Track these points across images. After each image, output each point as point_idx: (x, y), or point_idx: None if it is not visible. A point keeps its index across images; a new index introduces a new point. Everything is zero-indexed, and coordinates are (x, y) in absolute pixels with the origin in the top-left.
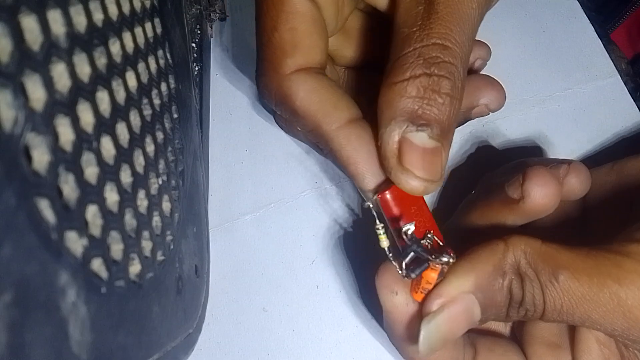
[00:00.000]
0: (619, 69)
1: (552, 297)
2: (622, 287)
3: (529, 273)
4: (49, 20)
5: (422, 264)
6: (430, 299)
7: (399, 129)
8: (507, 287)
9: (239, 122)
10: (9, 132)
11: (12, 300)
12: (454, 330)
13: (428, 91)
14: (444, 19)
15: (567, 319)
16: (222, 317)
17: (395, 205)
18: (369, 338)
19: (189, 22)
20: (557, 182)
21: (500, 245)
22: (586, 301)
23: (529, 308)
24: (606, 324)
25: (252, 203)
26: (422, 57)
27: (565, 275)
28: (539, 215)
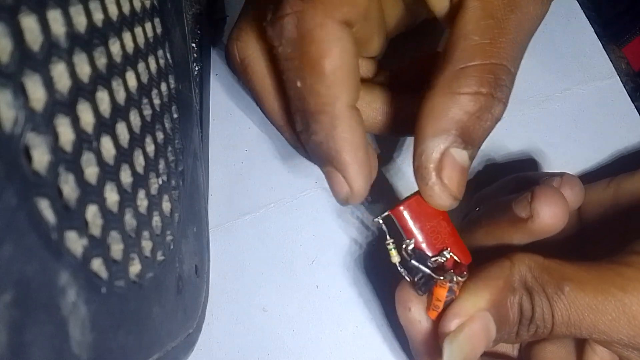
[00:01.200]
0: (619, 69)
1: (560, 309)
2: (626, 294)
3: (536, 287)
4: (49, 20)
5: (429, 280)
6: (448, 319)
7: (446, 141)
8: (518, 302)
9: (239, 122)
10: (9, 132)
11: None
12: (475, 350)
13: (484, 111)
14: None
15: (575, 331)
16: (222, 317)
17: (410, 221)
18: (369, 338)
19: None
20: (565, 201)
21: (507, 263)
22: (592, 310)
23: (539, 324)
24: (612, 332)
25: (252, 203)
26: (493, 74)
27: (570, 287)
28: (547, 234)
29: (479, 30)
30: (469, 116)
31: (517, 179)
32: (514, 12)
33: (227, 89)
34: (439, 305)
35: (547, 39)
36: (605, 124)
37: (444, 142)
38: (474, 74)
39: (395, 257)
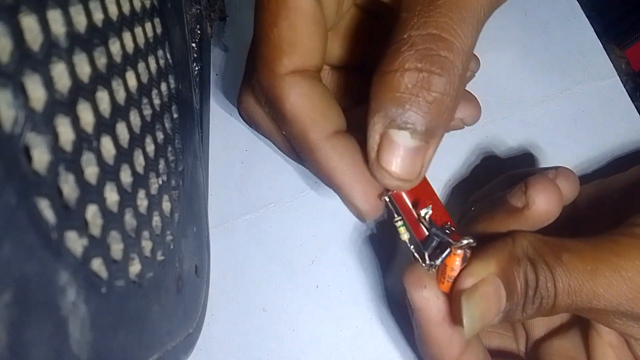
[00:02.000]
0: (619, 69)
1: (560, 277)
2: (622, 259)
3: (537, 258)
4: (49, 20)
5: (444, 249)
6: (463, 279)
7: (382, 123)
8: (523, 272)
9: (239, 122)
10: (9, 132)
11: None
12: (489, 311)
13: (416, 87)
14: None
15: (576, 299)
16: (222, 317)
17: (411, 199)
18: (369, 338)
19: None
20: (559, 190)
21: (508, 239)
22: (590, 275)
23: (543, 294)
24: (612, 297)
25: (252, 203)
26: (414, 47)
27: (568, 255)
28: (543, 222)
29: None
30: (399, 95)
31: (512, 176)
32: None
33: (227, 89)
34: (452, 275)
35: (547, 38)
36: (605, 124)
37: (379, 122)
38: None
39: (405, 234)
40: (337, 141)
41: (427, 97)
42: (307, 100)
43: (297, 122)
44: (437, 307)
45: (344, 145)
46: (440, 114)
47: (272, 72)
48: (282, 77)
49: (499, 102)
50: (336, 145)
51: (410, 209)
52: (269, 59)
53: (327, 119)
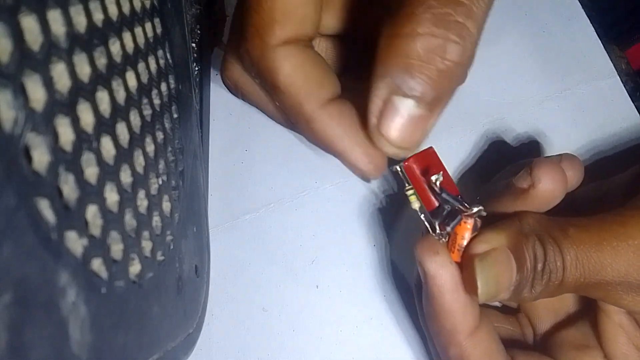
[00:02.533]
0: (619, 69)
1: (568, 251)
2: (628, 228)
3: (544, 233)
4: (49, 20)
5: (454, 217)
6: (476, 244)
7: (387, 88)
8: (532, 247)
9: (239, 122)
10: (9, 132)
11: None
12: (503, 277)
13: (430, 54)
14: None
15: (584, 271)
16: (222, 317)
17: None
18: (369, 338)
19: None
20: (563, 170)
21: (515, 218)
22: (597, 247)
23: (551, 268)
24: (620, 266)
25: (252, 203)
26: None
27: (574, 229)
28: (549, 203)
29: None
30: (410, 61)
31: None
32: None
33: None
34: (462, 244)
35: (547, 38)
36: (605, 124)
37: (383, 88)
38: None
39: (416, 203)
40: (333, 108)
41: (439, 66)
42: (301, 71)
43: (291, 93)
44: (451, 273)
45: (340, 111)
46: (450, 83)
47: (264, 42)
48: (275, 48)
49: (499, 102)
50: (332, 112)
51: (420, 178)
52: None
53: (322, 87)
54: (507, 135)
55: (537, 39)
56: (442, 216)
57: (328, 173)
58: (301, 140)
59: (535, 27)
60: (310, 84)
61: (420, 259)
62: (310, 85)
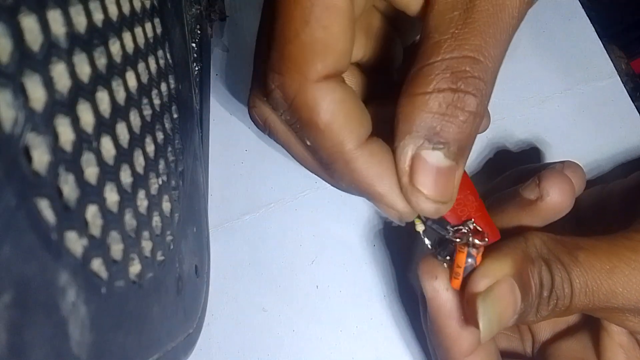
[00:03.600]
0: (619, 69)
1: (577, 277)
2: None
3: (552, 258)
4: (49, 20)
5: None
6: (476, 279)
7: (414, 144)
8: (538, 272)
9: (239, 122)
10: (9, 132)
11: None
12: (506, 313)
13: (451, 107)
14: (481, 29)
15: (593, 299)
16: (222, 317)
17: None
18: (369, 338)
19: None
20: (572, 182)
21: (521, 239)
22: (608, 273)
23: (559, 294)
24: (631, 295)
25: (252, 203)
26: (450, 69)
27: (584, 254)
28: (556, 215)
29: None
30: (432, 115)
31: (519, 172)
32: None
33: (227, 89)
34: (459, 272)
35: (547, 39)
36: (605, 124)
37: (410, 144)
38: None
39: (420, 226)
40: (373, 147)
41: (460, 117)
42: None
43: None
44: (446, 300)
45: (379, 151)
46: (471, 133)
47: (303, 77)
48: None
49: (499, 102)
50: (373, 151)
51: None
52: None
53: (361, 125)
54: (507, 135)
55: (537, 39)
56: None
57: None
58: None
59: (535, 27)
60: (351, 121)
61: (420, 280)
62: (351, 123)
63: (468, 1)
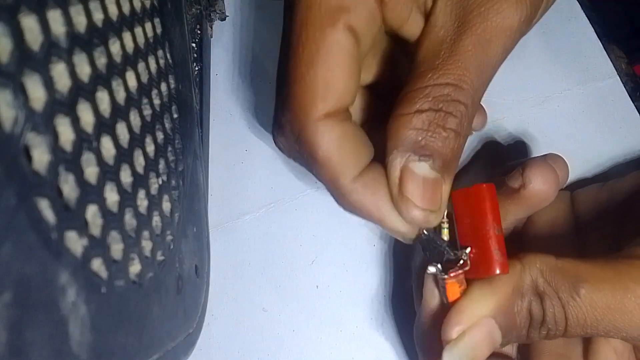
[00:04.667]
0: (619, 69)
1: (575, 313)
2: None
3: (548, 291)
4: (49, 20)
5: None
6: (450, 325)
7: (401, 157)
8: (526, 308)
9: (239, 122)
10: (9, 132)
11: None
12: (480, 354)
13: (433, 125)
14: (464, 62)
15: (591, 332)
16: (222, 317)
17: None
18: (369, 338)
19: (189, 22)
20: (555, 170)
21: (517, 266)
22: (611, 310)
23: (550, 327)
24: (632, 329)
25: (252, 203)
26: (431, 95)
27: (587, 289)
28: (540, 203)
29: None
30: (416, 131)
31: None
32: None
33: (227, 89)
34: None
35: (547, 39)
36: (605, 124)
37: (397, 157)
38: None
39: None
40: (367, 178)
41: (442, 133)
42: (338, 145)
43: (329, 167)
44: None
45: (373, 180)
46: (453, 150)
47: (305, 116)
48: (315, 122)
49: (499, 102)
50: (366, 183)
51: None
52: (302, 102)
53: (358, 158)
54: (508, 135)
55: (537, 39)
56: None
57: None
58: None
59: (535, 27)
60: (346, 157)
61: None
62: (346, 159)
63: (456, 37)
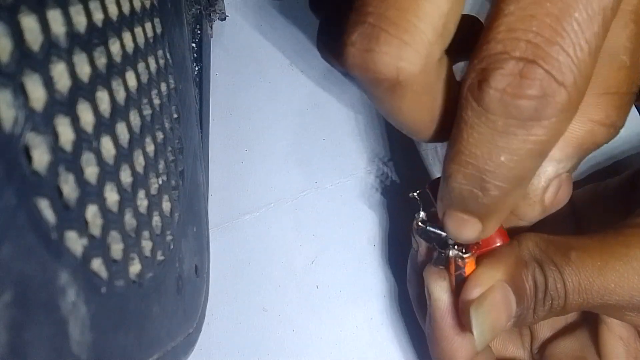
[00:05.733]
0: None
1: (570, 277)
2: (631, 249)
3: (545, 259)
4: (49, 20)
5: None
6: (469, 288)
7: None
8: (532, 275)
9: (239, 122)
10: (9, 132)
11: (12, 300)
12: (500, 320)
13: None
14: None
15: (587, 297)
16: (222, 317)
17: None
18: (369, 338)
19: (189, 22)
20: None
21: (514, 243)
22: (600, 271)
23: (553, 295)
24: (624, 291)
25: (252, 203)
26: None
27: (576, 253)
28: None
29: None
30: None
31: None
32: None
33: (227, 89)
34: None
35: None
36: None
37: (562, 169)
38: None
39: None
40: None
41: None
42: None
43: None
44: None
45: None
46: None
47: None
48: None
49: None
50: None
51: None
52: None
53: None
54: None
55: None
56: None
57: (328, 173)
58: (301, 140)
59: None
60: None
61: (427, 282)
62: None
63: None
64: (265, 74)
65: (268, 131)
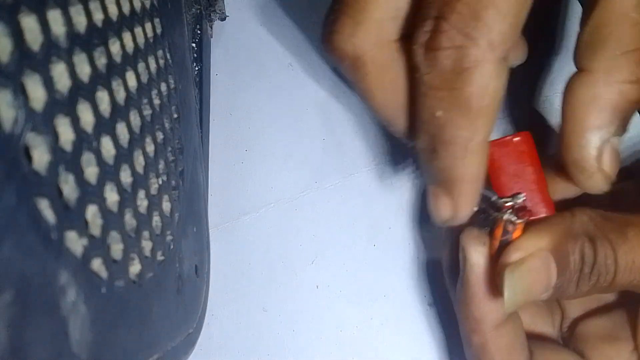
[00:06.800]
0: None
1: (625, 254)
2: None
3: (598, 234)
4: (49, 20)
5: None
6: (509, 251)
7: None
8: (579, 248)
9: (239, 122)
10: (9, 132)
11: (12, 300)
12: (535, 285)
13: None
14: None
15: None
16: (222, 317)
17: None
18: (369, 338)
19: (189, 22)
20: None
21: (567, 214)
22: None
23: (601, 271)
24: None
25: (252, 203)
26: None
27: (634, 230)
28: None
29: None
30: (630, 105)
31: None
32: None
33: (227, 89)
34: (495, 245)
35: (547, 38)
36: None
37: (607, 134)
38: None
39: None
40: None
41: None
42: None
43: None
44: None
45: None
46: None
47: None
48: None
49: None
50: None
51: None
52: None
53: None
54: None
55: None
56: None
57: (328, 173)
58: (301, 140)
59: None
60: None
61: (465, 246)
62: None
63: None
64: (265, 74)
65: (268, 131)
